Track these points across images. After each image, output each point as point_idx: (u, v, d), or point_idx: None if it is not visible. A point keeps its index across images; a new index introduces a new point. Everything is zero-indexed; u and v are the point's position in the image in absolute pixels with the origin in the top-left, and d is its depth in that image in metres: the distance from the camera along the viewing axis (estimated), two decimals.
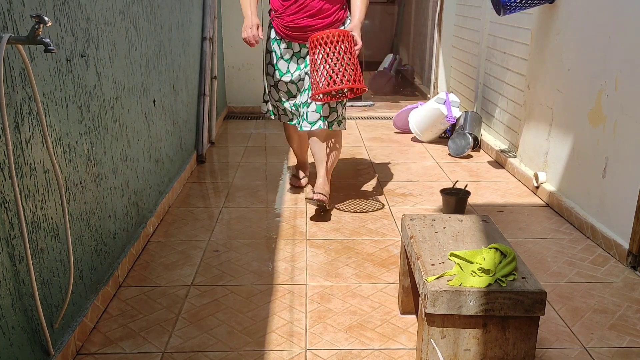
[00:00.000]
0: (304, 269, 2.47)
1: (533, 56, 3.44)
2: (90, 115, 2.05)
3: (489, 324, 1.63)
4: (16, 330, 1.54)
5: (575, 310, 2.16)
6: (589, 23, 2.81)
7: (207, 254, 2.59)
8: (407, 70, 7.17)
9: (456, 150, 4.07)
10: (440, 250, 1.80)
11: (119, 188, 2.36)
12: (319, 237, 2.77)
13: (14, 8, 1.52)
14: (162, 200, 2.98)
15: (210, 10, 4.19)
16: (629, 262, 2.47)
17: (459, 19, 5.10)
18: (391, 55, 6.89)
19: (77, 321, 1.91)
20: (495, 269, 1.66)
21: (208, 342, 1.96)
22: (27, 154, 1.60)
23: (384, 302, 2.21)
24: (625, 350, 1.93)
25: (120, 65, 2.36)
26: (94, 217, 2.08)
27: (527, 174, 3.46)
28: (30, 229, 1.61)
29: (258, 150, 4.25)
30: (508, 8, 3.12)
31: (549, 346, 1.95)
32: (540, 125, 3.34)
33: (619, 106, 2.56)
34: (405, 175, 3.69)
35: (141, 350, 1.91)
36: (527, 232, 2.84)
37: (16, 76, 1.54)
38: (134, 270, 2.44)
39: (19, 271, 1.55)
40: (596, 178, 2.74)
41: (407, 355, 1.90)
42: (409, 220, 2.03)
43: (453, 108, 4.26)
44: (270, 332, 2.02)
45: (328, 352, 1.91)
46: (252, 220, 2.96)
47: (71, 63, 1.88)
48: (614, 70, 2.58)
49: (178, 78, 3.41)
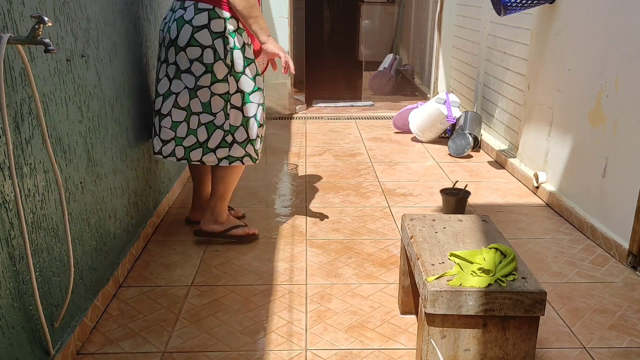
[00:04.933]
0: (303, 269, 2.47)
1: (533, 56, 3.44)
2: (90, 115, 2.05)
3: (489, 324, 1.63)
4: (16, 329, 1.54)
5: (575, 310, 2.16)
6: (589, 23, 2.81)
7: (207, 254, 2.59)
8: (407, 70, 7.17)
9: (456, 150, 4.07)
10: (440, 250, 1.80)
11: (119, 188, 2.36)
12: (319, 237, 2.77)
13: (14, 8, 1.52)
14: (162, 200, 2.98)
15: None
16: (629, 262, 2.47)
17: (459, 19, 5.10)
18: (391, 55, 6.89)
19: (77, 321, 1.91)
20: (495, 269, 1.66)
21: (208, 342, 1.96)
22: (27, 154, 1.60)
23: (384, 302, 2.21)
24: (625, 350, 1.93)
25: (120, 65, 2.36)
26: (94, 217, 2.08)
27: (527, 174, 3.46)
28: (30, 228, 1.61)
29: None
30: (509, 8, 3.12)
31: (549, 346, 1.95)
32: (540, 125, 3.34)
33: (619, 106, 2.56)
34: (405, 175, 3.69)
35: (141, 350, 1.91)
36: (527, 232, 2.84)
37: (16, 76, 1.54)
38: (134, 270, 2.44)
39: (19, 271, 1.55)
40: (596, 178, 2.74)
41: (407, 355, 1.90)
42: (409, 220, 2.03)
43: (453, 108, 4.26)
44: (270, 332, 2.02)
45: (328, 352, 1.91)
46: (252, 220, 2.96)
47: (71, 63, 1.88)
48: (614, 70, 2.58)
49: None
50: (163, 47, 2.47)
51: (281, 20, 5.08)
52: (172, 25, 2.40)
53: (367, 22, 8.22)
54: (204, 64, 2.40)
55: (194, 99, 2.45)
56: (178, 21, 2.38)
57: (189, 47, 2.38)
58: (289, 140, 4.52)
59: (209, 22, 2.36)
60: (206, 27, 2.36)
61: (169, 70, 2.45)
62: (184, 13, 2.37)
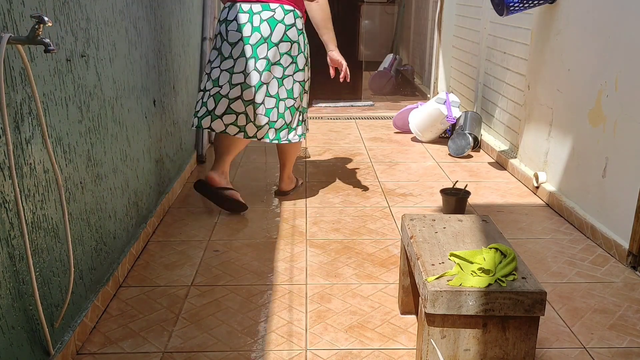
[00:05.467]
0: (303, 269, 2.47)
1: (533, 56, 3.44)
2: (90, 115, 2.05)
3: (489, 324, 1.63)
4: (16, 330, 1.54)
5: (575, 310, 2.16)
6: (589, 23, 2.81)
7: (207, 254, 2.59)
8: (407, 70, 7.17)
9: (456, 150, 4.07)
10: (440, 250, 1.80)
11: (119, 188, 2.36)
12: (319, 237, 2.77)
13: (14, 8, 1.52)
14: (162, 200, 2.98)
15: (210, 10, 4.19)
16: (629, 262, 2.47)
17: (459, 19, 5.10)
18: (391, 55, 6.89)
19: (77, 321, 1.91)
20: (495, 269, 1.66)
21: (208, 342, 1.96)
22: (27, 154, 1.60)
23: (384, 302, 2.21)
24: (625, 351, 1.93)
25: (120, 65, 2.36)
26: (94, 217, 2.08)
27: (527, 174, 3.46)
28: (30, 229, 1.61)
29: (258, 150, 4.25)
30: (511, 8, 3.12)
31: (549, 346, 1.95)
32: (540, 126, 3.34)
33: (619, 106, 2.56)
34: (405, 175, 3.69)
35: (141, 350, 1.91)
36: (527, 232, 2.84)
37: (16, 76, 1.54)
38: (134, 270, 2.44)
39: (19, 271, 1.55)
40: (596, 178, 2.74)
41: (407, 355, 1.90)
42: (409, 220, 2.03)
43: (453, 108, 4.26)
44: (270, 332, 2.02)
45: (328, 352, 1.91)
46: (252, 220, 2.96)
47: (71, 63, 1.88)
48: (614, 70, 2.58)
49: (178, 78, 3.41)
50: (246, 44, 2.80)
51: None
52: (262, 25, 2.79)
53: (367, 22, 8.22)
54: (291, 56, 2.87)
55: (281, 87, 2.88)
56: (269, 21, 2.79)
57: (281, 42, 2.82)
58: None
59: (295, 21, 2.84)
60: (294, 25, 2.84)
61: (258, 65, 2.82)
62: (274, 14, 2.80)
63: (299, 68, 2.92)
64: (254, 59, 2.80)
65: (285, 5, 2.80)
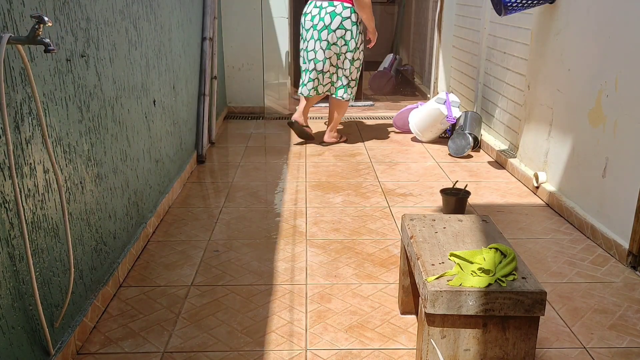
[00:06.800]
0: (304, 269, 2.47)
1: (533, 56, 3.44)
2: (90, 115, 2.05)
3: (489, 324, 1.63)
4: (16, 330, 1.54)
5: (575, 310, 2.16)
6: (589, 23, 2.81)
7: (207, 254, 2.59)
8: (407, 70, 7.17)
9: (456, 150, 4.07)
10: (440, 250, 1.81)
11: (119, 188, 2.36)
12: (319, 237, 2.77)
13: (14, 8, 1.52)
14: (162, 200, 2.98)
15: (210, 10, 4.19)
16: (629, 262, 2.47)
17: (459, 19, 5.10)
18: (391, 55, 6.89)
19: (77, 321, 1.91)
20: (495, 269, 1.66)
21: (208, 342, 1.96)
22: (27, 154, 1.60)
23: (384, 302, 2.21)
24: (625, 350, 1.93)
25: (120, 65, 2.36)
26: (94, 217, 2.08)
27: (527, 174, 3.46)
28: (30, 229, 1.61)
29: (258, 150, 4.25)
30: (509, 8, 3.12)
31: (549, 346, 1.95)
32: (540, 125, 3.34)
33: (619, 106, 2.56)
34: (405, 175, 3.69)
35: (141, 350, 1.91)
36: (527, 232, 2.84)
37: (16, 76, 1.54)
38: (134, 270, 2.44)
39: (19, 271, 1.55)
40: (596, 178, 2.74)
41: (407, 355, 1.90)
42: (409, 220, 2.03)
43: (453, 108, 4.26)
44: (270, 332, 2.02)
45: (328, 352, 1.91)
46: (252, 220, 2.96)
47: (71, 63, 1.88)
48: (614, 70, 2.58)
49: (178, 78, 3.41)
50: (314, 30, 4.05)
51: (281, 20, 5.09)
52: (325, 16, 3.99)
53: None
54: (344, 40, 4.06)
55: (338, 60, 4.14)
56: (331, 14, 3.98)
57: (338, 29, 4.01)
58: (289, 140, 4.52)
59: (350, 15, 3.99)
60: (349, 18, 4.00)
61: (322, 45, 4.06)
62: (335, 8, 3.98)
63: (349, 49, 4.08)
64: (319, 41, 4.05)
65: (345, 3, 3.97)
